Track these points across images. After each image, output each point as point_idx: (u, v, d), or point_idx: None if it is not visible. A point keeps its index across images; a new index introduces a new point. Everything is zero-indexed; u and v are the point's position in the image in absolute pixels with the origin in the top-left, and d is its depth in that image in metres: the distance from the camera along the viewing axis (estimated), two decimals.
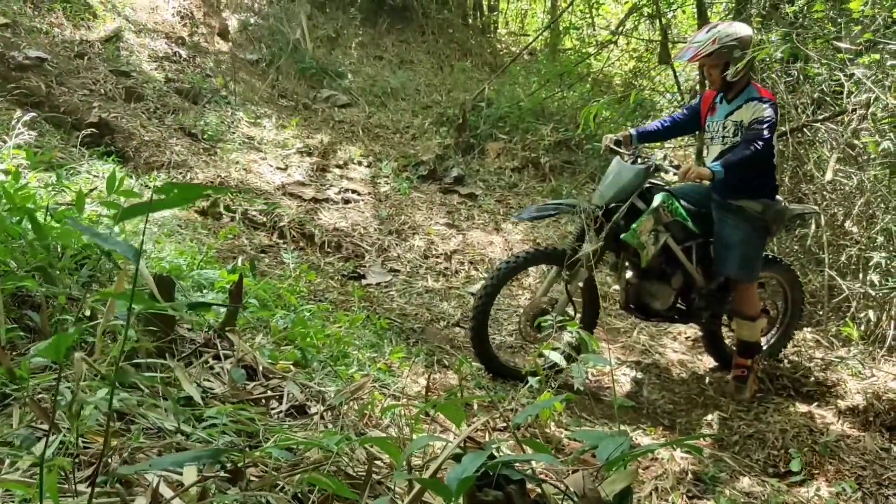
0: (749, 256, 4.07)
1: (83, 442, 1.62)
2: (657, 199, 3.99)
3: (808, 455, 3.37)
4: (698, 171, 3.81)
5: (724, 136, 4.07)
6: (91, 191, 3.64)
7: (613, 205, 4.06)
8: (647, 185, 4.08)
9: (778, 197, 4.21)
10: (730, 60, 3.84)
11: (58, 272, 2.37)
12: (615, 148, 4.24)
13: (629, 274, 4.24)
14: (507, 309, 5.29)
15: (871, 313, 4.84)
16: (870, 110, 4.98)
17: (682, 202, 4.12)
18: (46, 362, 1.89)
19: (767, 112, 3.82)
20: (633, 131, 4.38)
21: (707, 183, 3.94)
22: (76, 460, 1.47)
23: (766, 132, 3.78)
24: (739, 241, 4.03)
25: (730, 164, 3.81)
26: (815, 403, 4.18)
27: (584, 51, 9.83)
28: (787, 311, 4.66)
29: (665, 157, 4.19)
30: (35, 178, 3.80)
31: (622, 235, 4.00)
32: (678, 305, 4.30)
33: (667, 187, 4.17)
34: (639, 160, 4.12)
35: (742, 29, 3.93)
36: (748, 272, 4.10)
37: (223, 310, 2.50)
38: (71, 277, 2.44)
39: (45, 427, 1.54)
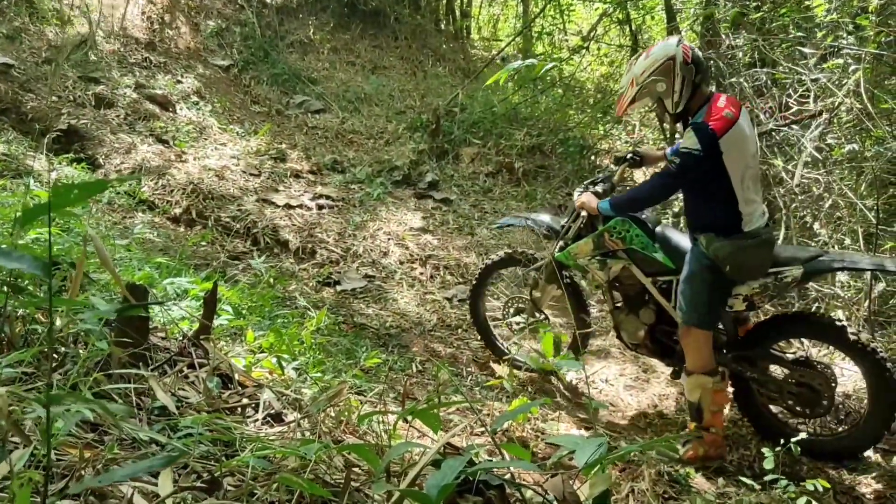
0: (691, 294, 3.51)
1: (56, 455, 1.59)
2: (606, 225, 3.82)
3: (782, 455, 3.41)
4: (582, 202, 3.78)
5: None
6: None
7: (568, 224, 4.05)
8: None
9: (748, 230, 3.37)
10: (660, 94, 3.39)
11: (27, 283, 2.33)
12: (617, 159, 4.10)
13: (614, 301, 4.07)
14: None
15: (840, 314, 4.92)
16: (834, 113, 5.08)
17: (671, 234, 3.81)
18: (15, 374, 1.86)
19: (689, 140, 3.27)
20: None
21: None
22: (48, 473, 1.44)
23: (674, 165, 3.36)
24: (686, 276, 3.55)
25: (617, 202, 3.63)
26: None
27: (556, 56, 9.92)
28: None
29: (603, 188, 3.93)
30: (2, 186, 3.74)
31: (556, 254, 4.00)
32: (653, 341, 3.95)
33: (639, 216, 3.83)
34: (591, 186, 3.96)
35: (659, 52, 3.40)
36: (689, 313, 3.51)
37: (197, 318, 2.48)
38: (41, 287, 2.40)
39: (17, 440, 1.51)
